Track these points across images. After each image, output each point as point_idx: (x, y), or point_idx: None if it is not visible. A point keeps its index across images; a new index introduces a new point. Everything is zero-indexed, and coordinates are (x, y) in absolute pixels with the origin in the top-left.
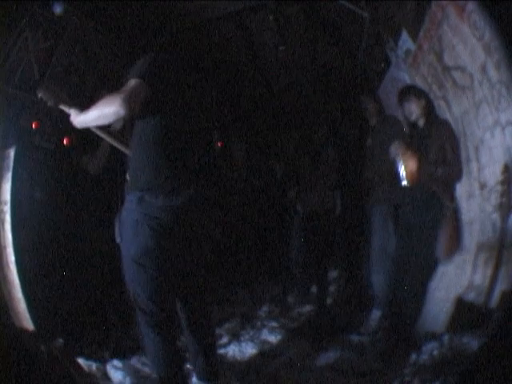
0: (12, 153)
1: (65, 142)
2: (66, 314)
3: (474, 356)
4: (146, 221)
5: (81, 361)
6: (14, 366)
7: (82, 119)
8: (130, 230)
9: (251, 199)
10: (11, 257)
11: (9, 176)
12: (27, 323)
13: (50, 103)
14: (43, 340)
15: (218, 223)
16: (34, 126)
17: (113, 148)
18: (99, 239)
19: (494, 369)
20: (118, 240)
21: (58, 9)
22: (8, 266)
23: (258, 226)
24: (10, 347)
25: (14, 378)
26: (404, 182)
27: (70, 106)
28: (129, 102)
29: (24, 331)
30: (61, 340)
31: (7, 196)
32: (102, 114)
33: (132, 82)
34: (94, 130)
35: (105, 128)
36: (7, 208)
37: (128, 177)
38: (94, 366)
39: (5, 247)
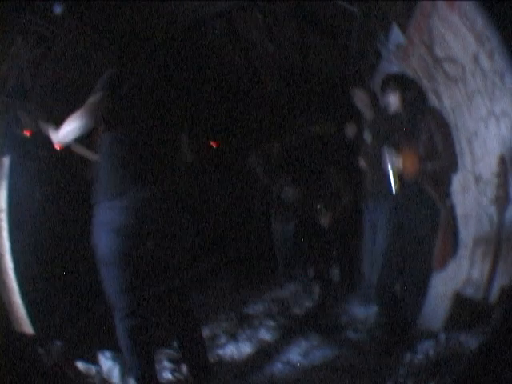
0: (7, 161)
1: (59, 148)
2: (65, 318)
3: (472, 355)
4: (106, 224)
5: (80, 364)
6: (15, 370)
7: (58, 137)
8: (97, 233)
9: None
10: (9, 263)
11: (4, 184)
12: (27, 328)
13: (31, 127)
14: (42, 344)
15: (189, 224)
16: (27, 133)
17: None
18: None
19: (492, 368)
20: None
21: (57, 9)
22: (6, 273)
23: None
24: (10, 352)
25: (14, 381)
26: (393, 186)
27: (49, 127)
28: (90, 114)
29: (24, 336)
30: (59, 343)
31: (3, 204)
32: (70, 129)
33: (94, 95)
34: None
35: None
36: (4, 215)
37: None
38: (93, 369)
39: (3, 254)
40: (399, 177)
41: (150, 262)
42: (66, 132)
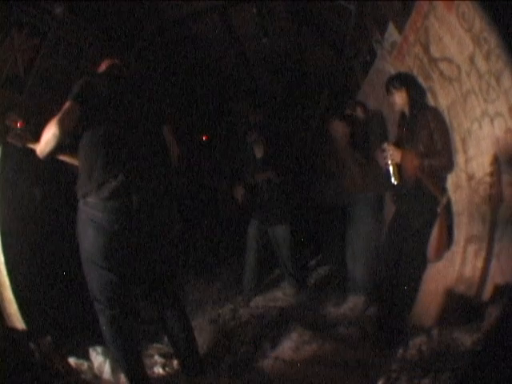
0: None
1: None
2: (57, 313)
3: (467, 352)
4: (90, 221)
5: (71, 360)
6: (6, 365)
7: (39, 150)
8: (80, 229)
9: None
10: (0, 258)
11: None
12: (19, 324)
13: (19, 145)
14: (33, 339)
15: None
16: (18, 125)
17: None
18: None
19: (488, 366)
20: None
21: (58, 9)
22: None
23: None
24: (1, 348)
25: (5, 377)
26: (393, 180)
27: (35, 143)
28: (62, 124)
29: (15, 331)
30: (49, 338)
31: None
32: (46, 140)
33: (65, 105)
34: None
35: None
36: None
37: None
38: (84, 364)
39: None
40: (398, 170)
41: (133, 257)
42: (44, 144)
